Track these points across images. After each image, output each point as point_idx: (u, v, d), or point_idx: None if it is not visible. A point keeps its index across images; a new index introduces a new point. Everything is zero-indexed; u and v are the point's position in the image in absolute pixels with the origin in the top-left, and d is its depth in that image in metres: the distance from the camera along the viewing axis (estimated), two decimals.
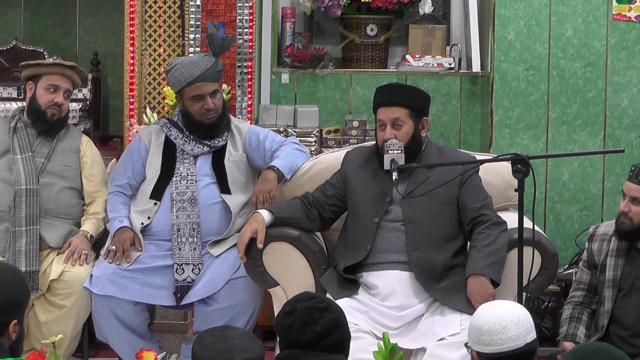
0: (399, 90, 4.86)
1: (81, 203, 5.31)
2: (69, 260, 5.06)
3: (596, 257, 4.80)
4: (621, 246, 4.73)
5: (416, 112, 4.80)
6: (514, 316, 3.49)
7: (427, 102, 4.90)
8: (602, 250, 4.78)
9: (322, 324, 3.26)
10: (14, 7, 6.71)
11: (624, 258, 4.71)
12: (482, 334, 3.47)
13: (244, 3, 5.79)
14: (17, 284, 3.34)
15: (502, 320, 3.47)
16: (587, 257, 4.86)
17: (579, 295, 4.87)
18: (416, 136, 4.81)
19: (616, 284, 4.69)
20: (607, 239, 4.78)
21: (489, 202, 4.79)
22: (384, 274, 4.68)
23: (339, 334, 3.30)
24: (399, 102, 4.78)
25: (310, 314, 3.27)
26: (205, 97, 5.09)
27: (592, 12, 6.06)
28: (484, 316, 3.50)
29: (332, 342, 3.27)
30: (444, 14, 6.66)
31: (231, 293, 4.95)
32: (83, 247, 5.09)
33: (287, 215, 4.86)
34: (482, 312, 3.54)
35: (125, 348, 5.00)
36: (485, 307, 3.57)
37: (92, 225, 5.20)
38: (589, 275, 4.85)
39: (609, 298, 4.68)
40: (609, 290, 4.69)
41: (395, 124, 4.77)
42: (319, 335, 3.24)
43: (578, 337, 4.73)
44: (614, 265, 4.71)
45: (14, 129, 5.25)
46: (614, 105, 6.09)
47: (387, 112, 4.79)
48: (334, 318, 3.30)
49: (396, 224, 4.75)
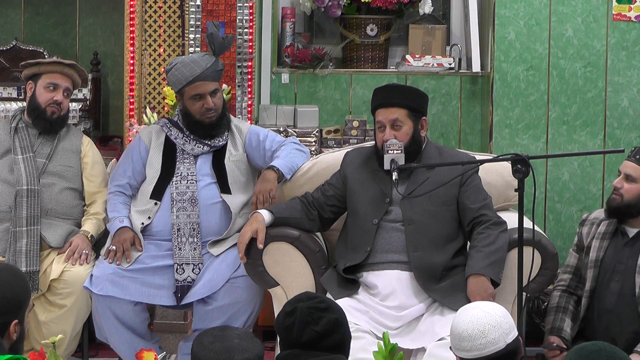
0: (397, 91, 4.86)
1: (82, 204, 5.31)
2: (69, 259, 5.06)
3: (585, 240, 4.82)
4: (609, 230, 4.75)
5: (415, 112, 4.80)
6: (491, 319, 3.47)
7: (425, 102, 4.89)
8: (590, 233, 4.81)
9: (322, 324, 3.26)
10: (14, 7, 6.71)
11: (609, 240, 4.73)
12: (462, 340, 3.46)
13: (244, 3, 5.79)
14: (18, 284, 3.34)
15: (480, 325, 3.45)
16: (577, 240, 4.90)
17: (566, 279, 4.91)
18: (416, 136, 4.81)
19: (597, 264, 4.71)
20: (597, 222, 4.82)
21: (489, 202, 4.79)
22: (384, 274, 4.68)
23: (339, 334, 3.30)
24: (397, 103, 4.78)
25: (311, 314, 3.27)
26: (205, 97, 5.09)
27: (592, 12, 6.06)
28: (462, 322, 3.48)
29: (333, 342, 3.28)
30: (444, 14, 6.66)
31: (230, 292, 4.95)
32: (84, 246, 5.09)
33: (287, 216, 4.86)
34: (460, 317, 3.51)
35: (125, 348, 5.00)
36: (462, 312, 3.54)
37: (93, 225, 5.21)
38: (577, 259, 4.89)
39: (590, 279, 4.70)
40: (590, 270, 4.71)
41: (394, 125, 4.77)
42: (320, 335, 3.24)
43: (564, 331, 4.75)
44: (598, 247, 4.74)
45: (15, 129, 5.26)
46: (614, 105, 6.09)
47: (386, 113, 4.79)
48: (335, 318, 3.30)
49: (396, 224, 4.75)
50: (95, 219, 5.24)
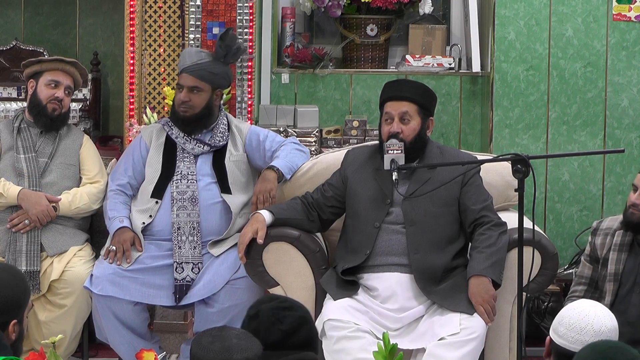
0: (410, 86, 4.85)
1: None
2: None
3: (599, 251, 4.79)
4: (624, 240, 4.72)
5: (424, 110, 4.79)
6: (597, 325, 3.38)
7: (434, 102, 4.89)
8: (605, 244, 4.77)
9: (287, 323, 3.27)
10: (14, 7, 6.71)
11: (627, 252, 4.70)
12: (562, 324, 3.40)
13: (244, 3, 5.79)
14: (17, 284, 3.34)
15: (585, 323, 3.37)
16: (589, 251, 4.85)
17: (580, 290, 4.86)
18: (422, 134, 4.79)
19: (617, 278, 4.68)
20: (611, 233, 4.78)
21: (490, 204, 4.79)
22: (384, 276, 4.67)
23: (305, 331, 3.30)
24: (409, 97, 4.77)
25: (275, 314, 3.27)
26: (183, 88, 5.12)
27: (592, 12, 6.05)
28: (575, 310, 3.41)
29: (300, 340, 3.27)
30: (444, 14, 6.66)
31: (231, 293, 4.95)
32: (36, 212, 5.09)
33: (288, 217, 4.85)
34: (577, 305, 3.44)
35: (125, 348, 5.00)
36: (582, 302, 3.46)
37: (70, 197, 5.18)
38: (591, 270, 4.84)
39: (610, 292, 4.67)
40: (610, 284, 4.68)
41: (403, 118, 4.75)
42: (286, 334, 3.24)
43: None
44: (616, 260, 4.71)
45: (17, 129, 5.25)
46: (614, 105, 6.09)
47: (396, 105, 4.77)
48: (299, 315, 3.31)
49: (397, 226, 4.74)
50: (73, 194, 5.20)
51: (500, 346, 4.76)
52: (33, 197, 5.11)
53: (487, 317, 4.53)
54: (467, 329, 4.49)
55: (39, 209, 5.09)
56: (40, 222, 5.09)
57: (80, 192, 5.20)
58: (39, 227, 5.09)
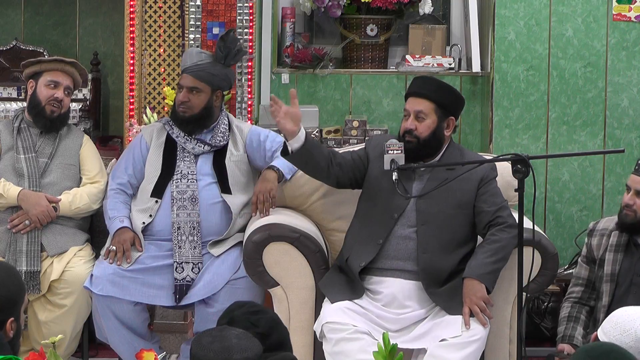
0: (431, 84, 4.83)
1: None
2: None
3: (595, 252, 4.80)
4: (620, 241, 4.73)
5: (443, 109, 4.77)
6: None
7: (458, 104, 4.85)
8: (601, 245, 4.78)
9: (262, 325, 3.29)
10: (14, 7, 6.71)
11: (623, 253, 4.72)
12: (610, 321, 3.40)
13: (244, 3, 5.79)
14: (12, 282, 3.34)
15: (629, 325, 3.38)
16: (586, 252, 4.87)
17: (578, 291, 4.88)
18: (438, 132, 4.77)
19: (614, 278, 4.69)
20: (607, 233, 4.79)
21: (505, 205, 4.75)
22: (388, 281, 4.66)
23: (280, 331, 3.34)
24: (426, 95, 4.76)
25: (248, 318, 3.30)
26: (183, 89, 5.12)
27: (592, 12, 6.05)
28: (627, 311, 3.42)
29: (276, 340, 3.29)
30: (444, 14, 6.66)
31: (231, 294, 4.94)
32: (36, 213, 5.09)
33: (316, 148, 4.78)
34: (632, 308, 3.45)
35: (125, 348, 5.01)
36: (638, 308, 3.46)
37: (70, 197, 5.18)
38: (588, 270, 4.86)
39: (607, 292, 4.68)
40: (607, 284, 4.69)
41: (418, 116, 4.75)
42: (263, 336, 3.25)
43: (575, 339, 4.73)
44: (612, 260, 4.72)
45: (17, 129, 5.26)
46: (614, 105, 6.09)
47: (414, 102, 4.78)
48: (271, 317, 3.35)
49: (408, 230, 4.71)
50: (74, 195, 5.19)
51: (501, 346, 4.76)
52: (33, 197, 5.11)
53: (480, 318, 4.50)
54: (469, 331, 4.49)
55: (39, 209, 5.09)
56: (40, 223, 5.09)
57: (80, 192, 5.20)
58: (39, 227, 5.10)
